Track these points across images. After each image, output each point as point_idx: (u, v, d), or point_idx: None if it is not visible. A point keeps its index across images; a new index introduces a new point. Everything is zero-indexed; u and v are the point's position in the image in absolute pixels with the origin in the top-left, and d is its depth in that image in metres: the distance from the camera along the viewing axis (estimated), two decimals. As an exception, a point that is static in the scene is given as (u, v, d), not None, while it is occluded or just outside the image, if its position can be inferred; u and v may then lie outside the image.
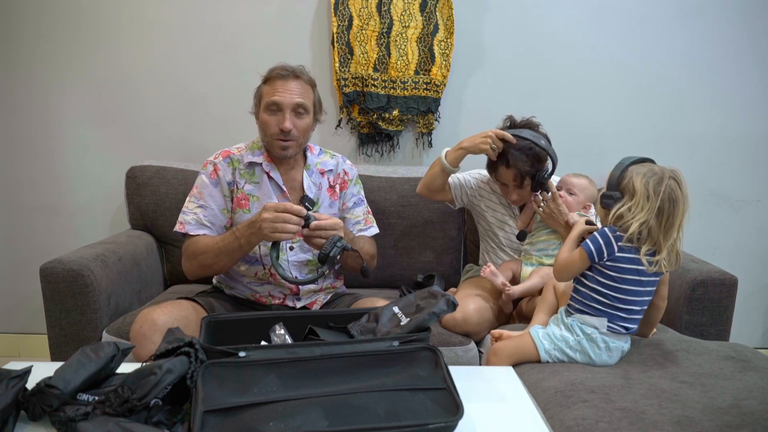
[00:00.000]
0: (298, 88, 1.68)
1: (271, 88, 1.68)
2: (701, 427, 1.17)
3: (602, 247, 1.45)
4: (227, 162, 1.76)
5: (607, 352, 1.48)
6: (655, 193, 1.42)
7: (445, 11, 2.31)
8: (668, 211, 1.42)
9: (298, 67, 1.71)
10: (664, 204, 1.42)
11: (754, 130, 2.47)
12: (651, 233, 1.43)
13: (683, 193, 1.44)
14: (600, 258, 1.46)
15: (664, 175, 1.44)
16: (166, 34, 2.37)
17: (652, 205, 1.42)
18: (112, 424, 0.90)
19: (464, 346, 1.80)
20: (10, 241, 2.52)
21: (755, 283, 2.56)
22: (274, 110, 1.67)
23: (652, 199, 1.42)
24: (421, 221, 2.24)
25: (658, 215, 1.42)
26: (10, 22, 2.35)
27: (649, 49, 2.40)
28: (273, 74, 1.68)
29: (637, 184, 1.44)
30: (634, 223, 1.42)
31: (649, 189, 1.43)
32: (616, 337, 1.49)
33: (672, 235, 1.44)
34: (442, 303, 1.19)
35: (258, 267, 1.74)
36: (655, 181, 1.43)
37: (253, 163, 1.76)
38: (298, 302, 1.78)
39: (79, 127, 2.43)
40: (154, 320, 1.53)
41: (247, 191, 1.75)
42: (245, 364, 1.03)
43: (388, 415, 0.95)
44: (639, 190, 1.43)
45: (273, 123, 1.67)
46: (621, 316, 1.47)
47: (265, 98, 1.68)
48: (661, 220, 1.43)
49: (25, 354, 2.59)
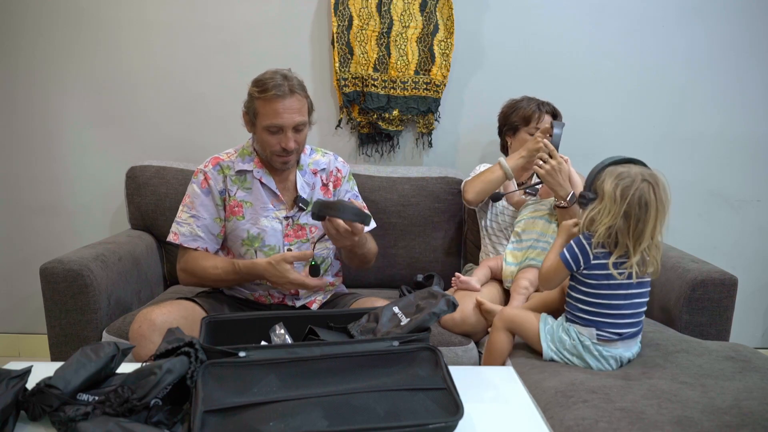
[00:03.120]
0: (297, 104, 1.64)
1: (270, 109, 1.62)
2: (701, 427, 1.17)
3: (578, 256, 1.44)
4: (217, 170, 1.75)
5: (602, 360, 1.47)
6: (623, 196, 1.38)
7: (445, 11, 2.31)
8: (637, 215, 1.38)
9: (291, 78, 1.65)
10: (633, 209, 1.38)
11: (754, 130, 2.47)
12: (620, 238, 1.40)
13: (657, 198, 1.39)
14: (577, 267, 1.45)
15: (636, 179, 1.39)
16: (166, 34, 2.37)
17: (618, 210, 1.38)
18: (112, 424, 0.90)
19: (464, 346, 1.80)
20: (10, 241, 2.52)
21: (755, 283, 2.56)
22: (275, 131, 1.65)
23: (619, 202, 1.38)
24: (421, 221, 2.24)
25: (626, 219, 1.38)
26: (11, 22, 2.35)
27: (648, 49, 2.40)
28: (270, 94, 1.60)
29: (606, 187, 1.41)
30: (600, 228, 1.40)
31: (617, 192, 1.39)
32: (611, 345, 1.47)
33: (644, 240, 1.39)
34: (443, 303, 1.19)
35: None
36: (625, 185, 1.39)
37: (244, 170, 1.75)
38: (297, 302, 1.78)
39: (79, 127, 2.43)
40: (152, 320, 1.54)
41: (240, 198, 1.74)
42: (245, 364, 1.03)
43: (388, 415, 0.95)
44: (607, 193, 1.40)
45: (274, 142, 1.66)
46: (609, 323, 1.45)
47: (265, 120, 1.63)
48: (629, 224, 1.38)
49: (25, 354, 2.59)
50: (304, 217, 1.77)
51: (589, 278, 1.45)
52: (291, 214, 1.76)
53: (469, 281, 1.90)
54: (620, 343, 1.47)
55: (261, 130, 1.66)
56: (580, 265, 1.45)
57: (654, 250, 1.42)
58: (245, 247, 1.73)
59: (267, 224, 1.73)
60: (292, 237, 1.75)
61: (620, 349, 1.48)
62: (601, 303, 1.45)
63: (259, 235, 1.72)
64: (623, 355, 1.48)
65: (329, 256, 1.84)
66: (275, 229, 1.73)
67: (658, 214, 1.40)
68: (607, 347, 1.47)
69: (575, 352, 1.49)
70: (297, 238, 1.76)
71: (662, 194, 1.41)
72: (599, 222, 1.41)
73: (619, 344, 1.47)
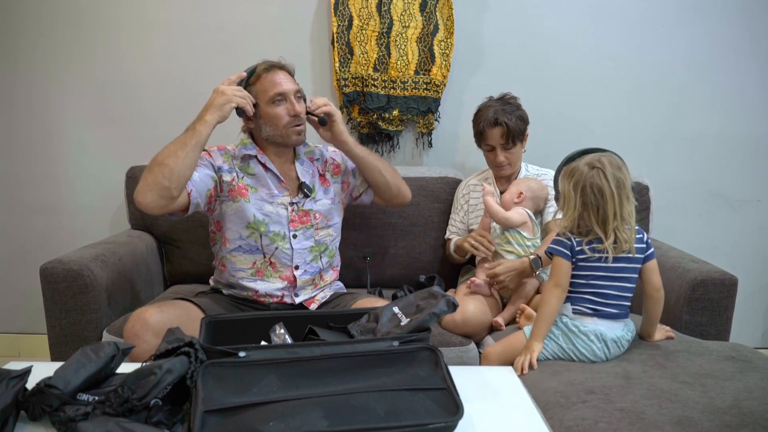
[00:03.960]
0: (289, 76, 1.76)
1: (269, 82, 1.71)
2: (701, 427, 1.17)
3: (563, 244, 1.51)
4: (222, 152, 1.78)
5: (581, 336, 1.50)
6: (575, 190, 1.47)
7: (445, 11, 2.31)
8: (596, 202, 1.46)
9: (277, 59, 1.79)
10: (588, 197, 1.46)
11: (754, 130, 2.47)
12: (590, 226, 1.48)
13: (609, 179, 1.45)
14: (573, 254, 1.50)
15: (583, 170, 1.47)
16: (166, 34, 2.37)
17: (575, 202, 1.47)
18: (112, 424, 0.90)
19: (464, 346, 1.80)
20: (10, 241, 2.52)
21: (755, 283, 2.56)
22: (281, 100, 1.71)
23: (574, 196, 1.47)
24: (422, 221, 2.24)
25: (586, 208, 1.47)
26: (11, 22, 2.35)
27: (648, 49, 2.40)
28: (263, 71, 1.72)
29: (562, 188, 1.51)
30: (567, 222, 1.50)
31: (570, 188, 1.48)
32: (587, 320, 1.51)
33: (610, 222, 1.46)
34: (443, 303, 1.19)
35: (258, 255, 1.75)
36: (576, 179, 1.47)
37: (247, 155, 1.77)
38: (296, 297, 1.78)
39: (79, 127, 2.43)
40: (145, 320, 1.53)
41: (247, 183, 1.76)
42: (245, 364, 1.03)
43: (388, 415, 0.95)
44: (564, 192, 1.50)
45: (283, 112, 1.71)
46: (584, 298, 1.52)
47: (269, 93, 1.70)
48: (590, 212, 1.47)
49: (25, 354, 2.59)
50: (308, 203, 1.79)
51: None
52: (296, 200, 1.78)
53: (481, 286, 1.89)
54: (598, 319, 1.51)
55: (267, 107, 1.71)
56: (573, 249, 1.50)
57: (624, 227, 1.48)
58: (250, 230, 1.74)
59: (272, 210, 1.75)
60: (297, 223, 1.78)
61: (600, 326, 1.50)
62: (577, 281, 1.52)
63: (264, 220, 1.74)
64: (605, 333, 1.50)
65: (333, 244, 1.88)
66: (280, 215, 1.76)
67: (615, 194, 1.45)
68: (583, 322, 1.51)
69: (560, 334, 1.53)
70: (302, 224, 1.78)
71: (615, 174, 1.46)
72: (565, 217, 1.51)
73: (598, 320, 1.51)
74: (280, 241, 1.75)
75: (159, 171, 1.55)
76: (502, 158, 1.98)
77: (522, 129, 1.97)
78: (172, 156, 1.56)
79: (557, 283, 1.52)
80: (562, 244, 1.52)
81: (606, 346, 1.50)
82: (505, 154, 1.98)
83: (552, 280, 1.53)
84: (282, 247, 1.75)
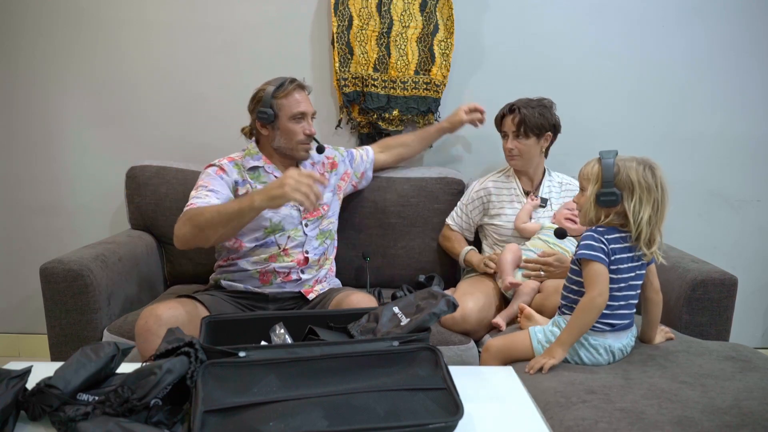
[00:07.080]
0: (308, 98, 1.90)
1: (293, 100, 1.84)
2: (701, 427, 1.17)
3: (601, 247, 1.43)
4: (233, 165, 1.86)
5: (591, 350, 1.47)
6: (655, 184, 1.39)
7: (445, 11, 2.31)
8: (661, 200, 1.41)
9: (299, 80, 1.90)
10: (660, 194, 1.40)
11: (754, 130, 2.47)
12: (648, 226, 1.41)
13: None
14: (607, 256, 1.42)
15: (652, 164, 1.41)
16: (166, 34, 2.37)
17: (654, 197, 1.39)
18: (112, 424, 0.90)
19: (464, 345, 1.80)
20: (10, 241, 2.52)
21: (755, 283, 2.55)
22: (300, 119, 1.85)
23: (653, 191, 1.39)
24: (421, 221, 2.24)
25: (654, 206, 1.40)
26: (11, 22, 2.35)
27: (649, 49, 2.40)
28: (289, 88, 1.84)
29: (633, 178, 1.39)
30: (643, 219, 1.38)
31: (649, 181, 1.39)
32: (599, 335, 1.47)
33: (661, 222, 1.42)
34: (443, 303, 1.19)
35: (273, 248, 1.84)
36: (650, 172, 1.40)
37: (255, 167, 1.87)
38: (302, 274, 1.86)
39: (79, 127, 2.43)
40: (159, 315, 1.56)
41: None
42: (245, 364, 1.03)
43: (388, 415, 0.95)
44: (638, 183, 1.39)
45: (299, 130, 1.85)
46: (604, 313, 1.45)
47: (291, 109, 1.83)
48: (656, 210, 1.40)
49: (25, 354, 2.59)
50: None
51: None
52: None
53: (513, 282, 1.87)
54: (610, 334, 1.48)
55: (287, 122, 1.84)
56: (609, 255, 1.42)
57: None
58: (266, 233, 1.84)
59: (286, 212, 1.86)
60: (308, 216, 1.92)
61: (609, 339, 1.48)
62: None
63: (280, 223, 1.85)
64: (612, 345, 1.48)
65: (332, 227, 2.00)
66: (293, 216, 1.88)
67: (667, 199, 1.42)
68: (596, 337, 1.47)
69: None
70: (312, 217, 1.92)
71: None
72: (637, 213, 1.39)
73: (609, 335, 1.48)
74: (293, 232, 1.87)
75: (195, 235, 1.64)
76: (511, 146, 2.04)
77: (538, 124, 2.01)
78: (212, 228, 1.62)
79: (601, 293, 1.40)
80: (599, 249, 1.41)
81: (612, 356, 1.49)
82: (514, 143, 2.03)
83: (595, 290, 1.41)
84: (294, 236, 1.87)
